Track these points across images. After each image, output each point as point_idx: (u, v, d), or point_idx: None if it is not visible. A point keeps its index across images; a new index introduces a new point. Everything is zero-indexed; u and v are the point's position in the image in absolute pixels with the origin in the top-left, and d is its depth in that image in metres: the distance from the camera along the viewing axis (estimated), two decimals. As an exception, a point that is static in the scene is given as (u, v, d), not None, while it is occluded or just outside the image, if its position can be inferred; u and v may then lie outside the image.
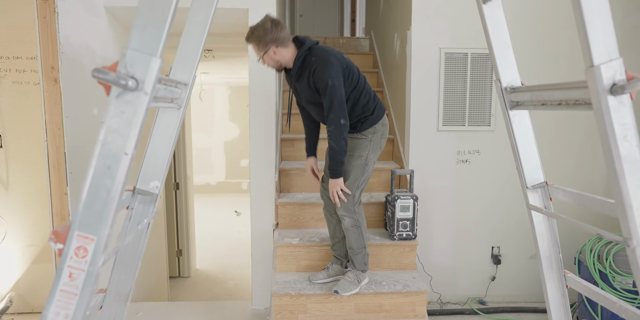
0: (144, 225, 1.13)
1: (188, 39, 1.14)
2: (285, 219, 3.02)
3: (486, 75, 3.05)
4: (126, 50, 0.78)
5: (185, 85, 1.16)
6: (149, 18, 0.79)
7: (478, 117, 3.09)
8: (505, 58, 1.26)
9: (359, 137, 2.34)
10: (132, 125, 0.79)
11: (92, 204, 0.80)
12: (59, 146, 2.43)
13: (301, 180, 3.21)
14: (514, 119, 1.29)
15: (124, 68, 0.78)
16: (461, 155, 3.13)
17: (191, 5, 1.13)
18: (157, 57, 0.79)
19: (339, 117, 2.17)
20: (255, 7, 2.88)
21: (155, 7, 0.78)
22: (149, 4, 0.78)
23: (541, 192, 1.34)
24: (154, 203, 1.20)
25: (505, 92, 1.27)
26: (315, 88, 2.20)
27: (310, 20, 7.51)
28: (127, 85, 0.76)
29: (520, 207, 3.18)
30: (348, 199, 2.37)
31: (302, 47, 2.22)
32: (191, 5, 1.13)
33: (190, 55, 1.16)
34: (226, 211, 8.34)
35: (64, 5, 2.40)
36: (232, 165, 9.68)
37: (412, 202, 2.78)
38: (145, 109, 0.81)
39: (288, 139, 3.42)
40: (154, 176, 1.19)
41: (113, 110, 0.79)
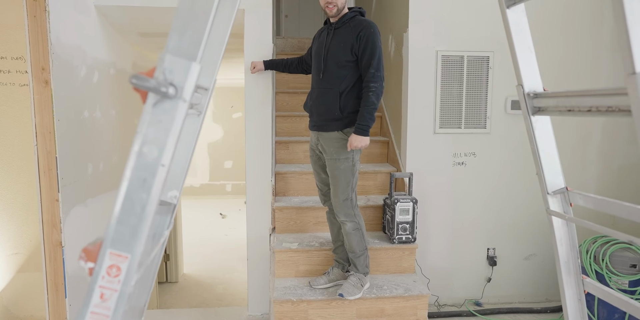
0: (165, 238, 1.07)
1: (210, 41, 1.09)
2: (282, 223, 2.97)
3: (482, 78, 3.06)
4: (164, 55, 0.73)
5: (206, 90, 1.11)
6: (188, 20, 0.74)
7: (474, 120, 3.10)
8: (528, 63, 1.25)
9: (342, 137, 2.31)
10: (169, 134, 0.75)
11: (127, 219, 0.74)
12: (50, 150, 2.33)
13: (297, 184, 3.16)
14: (536, 125, 1.28)
15: (163, 74, 0.73)
16: (457, 157, 3.14)
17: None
18: (196, 63, 0.75)
19: (382, 75, 2.22)
20: (251, 7, 2.83)
21: (195, 8, 0.73)
22: (188, 5, 0.73)
23: (561, 197, 1.34)
24: (171, 213, 1.14)
25: (527, 98, 1.26)
26: (358, 44, 2.21)
27: (296, 20, 7.46)
28: (167, 93, 0.71)
29: (515, 209, 3.21)
30: (346, 204, 2.34)
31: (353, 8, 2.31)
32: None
33: (212, 58, 1.10)
34: (211, 214, 8.22)
35: (54, 4, 2.31)
36: (216, 166, 9.56)
37: (411, 205, 2.77)
38: (184, 117, 0.76)
39: (282, 141, 3.37)
40: (173, 185, 1.13)
41: (150, 119, 0.74)
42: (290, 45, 4.88)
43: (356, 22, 2.25)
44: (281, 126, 3.57)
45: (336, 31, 2.29)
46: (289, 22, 7.44)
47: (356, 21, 2.26)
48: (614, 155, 3.26)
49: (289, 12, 7.43)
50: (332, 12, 2.24)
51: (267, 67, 2.79)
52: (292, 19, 7.46)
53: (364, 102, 2.21)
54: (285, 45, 4.86)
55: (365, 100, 2.20)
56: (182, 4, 0.73)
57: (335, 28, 2.29)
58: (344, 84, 2.27)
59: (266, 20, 2.88)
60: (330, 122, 2.30)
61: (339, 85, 2.27)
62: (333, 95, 2.27)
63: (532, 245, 3.27)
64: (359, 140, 2.23)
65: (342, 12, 2.27)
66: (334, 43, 2.28)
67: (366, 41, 2.20)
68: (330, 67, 2.28)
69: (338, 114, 2.27)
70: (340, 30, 2.28)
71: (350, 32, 2.24)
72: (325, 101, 2.30)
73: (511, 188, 3.20)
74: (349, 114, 2.28)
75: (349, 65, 2.25)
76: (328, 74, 2.29)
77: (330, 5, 2.22)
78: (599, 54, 3.14)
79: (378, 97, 2.22)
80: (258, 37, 2.89)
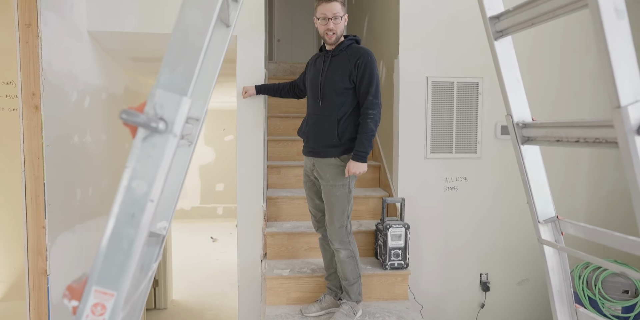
0: (153, 271, 1.05)
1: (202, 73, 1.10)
2: (273, 249, 2.93)
3: (471, 103, 3.10)
4: (155, 89, 0.73)
5: (197, 120, 1.11)
6: (180, 55, 0.74)
7: (464, 145, 3.12)
8: (516, 94, 1.27)
9: (339, 164, 2.31)
10: (158, 169, 0.74)
11: (113, 255, 0.73)
12: (38, 177, 2.31)
13: (289, 209, 3.14)
14: (525, 154, 1.29)
15: (153, 109, 0.73)
16: (449, 182, 3.15)
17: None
18: (187, 97, 0.75)
19: (379, 102, 2.25)
20: (244, 33, 2.87)
21: (187, 44, 0.74)
22: (180, 40, 0.74)
23: (552, 226, 1.34)
24: (160, 245, 1.12)
25: (517, 127, 1.27)
26: (356, 71, 2.24)
27: (288, 45, 7.56)
28: (157, 128, 0.71)
29: (507, 233, 3.20)
30: (342, 231, 2.32)
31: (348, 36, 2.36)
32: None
33: (203, 87, 1.11)
34: (202, 237, 8.12)
35: (47, 30, 2.32)
36: (207, 189, 9.49)
37: (403, 230, 2.75)
38: (174, 151, 0.75)
39: (274, 166, 3.37)
40: (162, 216, 1.12)
41: (139, 153, 0.73)
42: (283, 70, 4.93)
43: (353, 50, 2.29)
44: (273, 150, 3.57)
45: (333, 59, 2.31)
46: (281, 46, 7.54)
47: (353, 49, 2.29)
48: (603, 181, 3.29)
49: (281, 37, 7.54)
50: (332, 39, 2.28)
51: (259, 92, 2.81)
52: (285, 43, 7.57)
53: (363, 129, 2.22)
54: (278, 70, 4.92)
55: (364, 127, 2.22)
56: (174, 40, 0.74)
57: (332, 55, 2.32)
58: (341, 111, 2.28)
59: (258, 46, 2.92)
60: (328, 148, 2.30)
61: (337, 112, 2.28)
62: (331, 122, 2.28)
63: (525, 270, 3.25)
64: (357, 167, 2.23)
65: (339, 39, 2.31)
66: (332, 70, 2.30)
67: (364, 69, 2.23)
68: (328, 94, 2.30)
69: (336, 141, 2.27)
70: (337, 58, 2.31)
71: (348, 59, 2.27)
72: (323, 127, 2.31)
73: (502, 213, 3.20)
74: (347, 140, 2.29)
75: (347, 93, 2.27)
76: (326, 100, 2.31)
77: (330, 33, 2.25)
78: (583, 81, 3.21)
79: (376, 124, 2.24)
80: (250, 63, 2.92)
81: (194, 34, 0.74)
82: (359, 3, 4.56)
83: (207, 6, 0.74)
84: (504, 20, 1.20)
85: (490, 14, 1.23)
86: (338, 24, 2.24)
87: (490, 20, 1.23)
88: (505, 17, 1.18)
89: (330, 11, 2.21)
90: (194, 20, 0.74)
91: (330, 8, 2.21)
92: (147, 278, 1.08)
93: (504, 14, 1.19)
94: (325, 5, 2.22)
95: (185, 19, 0.74)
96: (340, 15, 2.23)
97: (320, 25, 2.26)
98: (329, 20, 2.22)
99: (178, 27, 0.74)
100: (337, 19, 2.22)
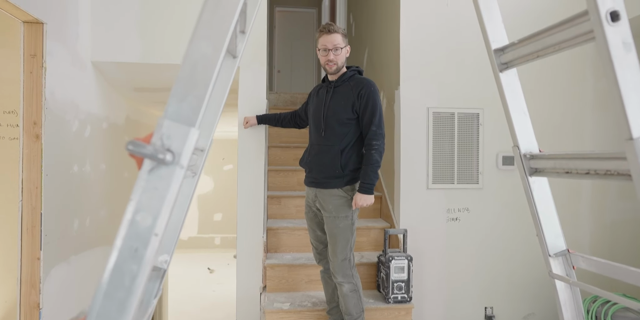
0: (153, 307, 1.01)
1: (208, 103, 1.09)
2: (273, 282, 2.86)
3: (472, 134, 3.11)
4: (163, 120, 0.72)
5: (202, 151, 1.09)
6: (189, 86, 0.73)
7: (466, 175, 3.11)
8: (522, 125, 1.27)
9: (342, 195, 2.28)
10: (164, 202, 0.72)
11: (114, 292, 0.69)
12: (36, 206, 2.27)
13: (290, 240, 3.09)
14: (533, 186, 1.27)
15: (160, 140, 0.71)
16: (451, 213, 3.11)
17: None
18: (195, 128, 0.73)
19: (383, 132, 2.24)
20: (246, 64, 2.91)
21: (196, 75, 0.73)
22: (189, 71, 0.73)
23: (563, 260, 1.30)
24: (160, 279, 1.08)
25: (524, 159, 1.26)
26: (359, 102, 2.24)
27: (288, 76, 7.69)
28: (164, 159, 0.69)
29: (511, 265, 3.14)
30: (345, 264, 2.27)
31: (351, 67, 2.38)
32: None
33: (209, 118, 1.10)
34: (199, 268, 7.96)
35: (51, 60, 2.34)
36: (205, 219, 9.39)
37: (406, 262, 2.70)
38: (180, 184, 0.73)
39: (275, 196, 3.33)
40: (164, 249, 1.08)
41: (144, 185, 0.71)
42: (283, 100, 4.97)
43: (356, 81, 2.30)
44: (273, 180, 3.55)
45: (336, 89, 2.33)
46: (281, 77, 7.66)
47: (356, 79, 2.31)
48: (606, 210, 3.26)
49: (281, 68, 7.67)
50: (332, 69, 2.30)
51: (260, 122, 2.82)
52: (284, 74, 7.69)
53: (368, 160, 2.21)
54: (278, 100, 4.96)
55: (369, 158, 2.21)
56: (183, 71, 0.73)
57: (335, 86, 2.33)
58: (345, 141, 2.27)
59: (260, 77, 2.95)
60: (331, 179, 2.28)
61: (339, 143, 2.27)
62: (334, 153, 2.27)
63: (530, 303, 3.17)
64: (364, 199, 2.21)
65: (341, 70, 2.33)
66: (335, 101, 2.31)
67: (367, 99, 2.23)
68: (331, 125, 2.30)
69: (339, 171, 2.26)
70: (340, 89, 2.32)
71: (351, 90, 2.28)
72: (326, 158, 2.29)
73: (506, 244, 3.15)
74: (350, 171, 2.27)
75: (350, 123, 2.27)
76: (329, 131, 2.30)
77: (330, 63, 2.27)
78: (582, 112, 3.23)
79: (381, 155, 2.22)
80: (252, 93, 2.94)
81: (204, 65, 0.74)
82: (359, 35, 4.66)
83: (218, 38, 0.74)
84: (509, 53, 1.21)
85: (495, 46, 1.24)
86: (338, 55, 2.26)
87: (495, 52, 1.24)
88: (510, 50, 1.19)
89: (330, 42, 2.24)
90: (205, 51, 0.74)
91: (330, 39, 2.24)
92: (146, 315, 1.03)
93: (508, 46, 1.20)
94: (326, 37, 2.25)
95: (196, 51, 0.73)
96: (341, 47, 2.26)
97: (322, 56, 2.29)
98: (329, 51, 2.25)
99: (188, 58, 0.73)
100: (337, 50, 2.25)
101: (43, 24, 2.30)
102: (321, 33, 2.27)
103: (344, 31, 2.30)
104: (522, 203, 3.14)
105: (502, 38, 1.24)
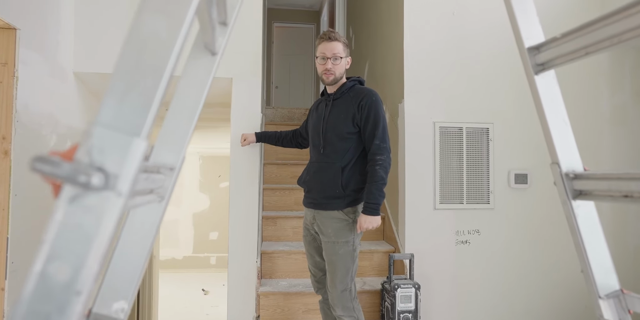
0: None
1: (178, 111, 0.88)
2: (268, 312, 2.60)
3: (482, 150, 2.90)
4: (93, 127, 0.50)
5: (171, 169, 0.87)
6: (133, 79, 0.52)
7: (476, 194, 2.88)
8: (563, 138, 1.05)
9: (343, 217, 2.04)
10: (92, 245, 0.49)
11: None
12: (2, 230, 2.03)
13: (286, 265, 2.84)
14: (578, 212, 1.05)
15: (88, 155, 0.49)
16: (460, 235, 2.87)
17: (185, 67, 0.89)
18: (141, 139, 0.51)
19: (388, 146, 2.02)
20: (240, 76, 2.71)
21: (144, 63, 0.52)
22: (134, 58, 0.52)
23: (615, 302, 1.07)
24: (115, 334, 0.85)
25: (566, 179, 1.04)
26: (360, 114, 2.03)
27: (286, 91, 7.52)
28: (89, 183, 0.47)
29: (527, 294, 2.89)
30: (345, 295, 2.03)
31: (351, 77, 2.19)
32: (185, 67, 0.89)
33: (180, 130, 0.88)
34: (193, 289, 7.65)
35: (26, 70, 2.14)
36: (200, 238, 9.10)
37: (413, 291, 2.45)
38: (117, 217, 0.51)
39: (270, 216, 3.10)
40: (120, 294, 0.85)
41: (63, 221, 0.49)
42: (280, 115, 4.78)
43: (356, 91, 2.10)
44: (269, 200, 3.32)
45: (335, 102, 2.12)
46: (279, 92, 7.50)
47: (356, 90, 2.11)
48: (627, 235, 3.02)
49: (279, 83, 7.51)
50: (329, 79, 2.10)
51: (259, 140, 2.59)
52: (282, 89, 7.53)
53: (372, 178, 1.97)
54: (275, 115, 4.77)
55: (373, 175, 1.97)
56: (125, 57, 0.51)
57: (334, 99, 2.13)
58: (346, 158, 2.05)
59: (255, 90, 2.75)
60: (330, 200, 2.05)
61: (340, 160, 2.05)
62: (334, 171, 2.05)
63: (549, 335, 2.91)
64: (369, 221, 1.96)
65: (339, 81, 2.13)
66: (334, 114, 2.10)
67: (368, 110, 2.02)
68: (330, 140, 2.08)
69: (339, 191, 2.03)
70: (339, 101, 2.11)
71: (351, 101, 2.07)
72: (325, 176, 2.07)
73: (521, 270, 2.90)
74: (352, 191, 2.04)
75: (351, 138, 2.06)
76: (329, 147, 2.09)
77: (328, 73, 2.08)
78: (600, 126, 3.03)
79: (386, 171, 1.99)
80: (246, 107, 2.73)
81: (154, 48, 0.52)
82: (359, 48, 4.49)
83: (175, 12, 0.53)
84: (547, 51, 1.00)
85: (528, 44, 1.03)
86: (337, 65, 2.07)
87: (529, 51, 1.03)
88: (549, 47, 0.98)
89: (330, 50, 2.05)
90: (155, 30, 0.52)
91: (330, 47, 2.05)
92: None
93: (546, 43, 0.99)
94: (326, 44, 2.06)
95: (143, 29, 0.52)
96: (341, 56, 2.06)
97: (319, 65, 2.09)
98: (327, 59, 2.05)
99: (132, 38, 0.52)
100: (337, 60, 2.05)
101: (15, 29, 2.10)
102: (321, 40, 2.08)
103: (345, 40, 2.11)
104: (538, 224, 2.91)
105: (538, 34, 1.03)
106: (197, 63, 0.89)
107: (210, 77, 0.91)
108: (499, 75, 2.93)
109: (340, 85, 2.13)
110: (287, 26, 7.54)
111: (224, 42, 0.91)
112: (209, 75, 0.90)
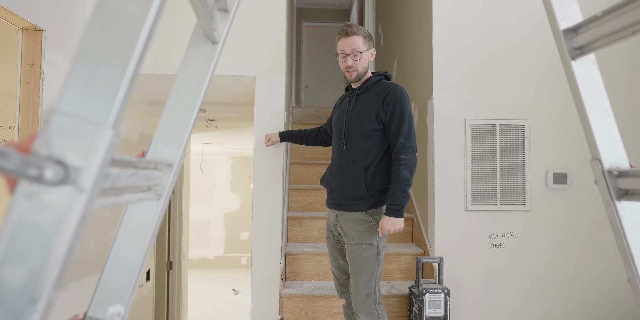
0: None
1: (177, 104, 0.82)
2: (292, 314, 2.54)
3: (517, 148, 2.74)
4: (52, 115, 0.44)
5: (170, 166, 0.82)
6: (98, 62, 0.46)
7: (511, 195, 2.73)
8: (605, 130, 0.94)
9: (366, 219, 1.95)
10: (51, 247, 0.44)
11: None
12: None
13: (310, 266, 2.78)
14: (623, 214, 0.93)
15: (47, 146, 0.44)
16: (494, 238, 2.73)
17: (183, 59, 0.83)
18: (107, 128, 0.45)
19: (413, 145, 1.92)
20: (263, 74, 2.66)
21: (110, 43, 0.46)
22: (100, 38, 0.46)
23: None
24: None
25: (609, 176, 0.93)
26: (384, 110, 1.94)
27: (316, 91, 7.47)
28: (41, 177, 0.41)
29: (566, 302, 2.72)
30: (368, 300, 1.94)
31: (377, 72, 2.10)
32: (183, 59, 0.83)
33: (179, 125, 0.83)
34: (224, 289, 7.70)
35: (51, 70, 2.16)
36: (231, 238, 9.18)
37: (443, 296, 2.34)
38: (80, 215, 0.45)
39: (295, 217, 3.04)
40: (116, 298, 0.80)
41: (18, 220, 0.43)
42: (308, 115, 4.73)
43: (381, 86, 2.01)
44: (294, 200, 3.27)
45: (359, 97, 2.04)
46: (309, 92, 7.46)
47: (381, 85, 2.02)
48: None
49: (308, 83, 7.48)
50: (352, 76, 2.02)
51: (283, 139, 2.53)
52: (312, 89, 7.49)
53: (396, 178, 1.88)
54: (303, 115, 4.72)
55: (397, 176, 1.87)
56: (89, 37, 0.46)
57: (358, 94, 2.05)
58: (369, 157, 1.96)
59: (279, 88, 2.69)
60: (353, 200, 1.96)
61: (364, 159, 1.96)
62: (357, 170, 1.96)
63: (591, 345, 2.73)
64: (392, 223, 1.87)
65: (364, 77, 2.04)
66: (357, 110, 2.02)
67: (393, 106, 1.93)
68: (353, 138, 2.00)
69: (363, 192, 1.94)
70: (363, 96, 2.03)
71: (375, 97, 1.98)
72: (348, 176, 1.98)
73: (560, 276, 2.73)
74: (376, 192, 1.95)
75: (375, 135, 1.97)
76: (351, 145, 2.00)
77: (350, 70, 2.00)
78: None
79: (411, 171, 1.88)
80: (270, 106, 2.68)
81: (123, 27, 0.46)
82: (388, 45, 4.38)
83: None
84: (585, 33, 0.89)
85: (564, 25, 0.92)
86: (358, 60, 1.98)
87: (564, 34, 0.92)
88: (588, 28, 0.87)
89: (348, 46, 1.96)
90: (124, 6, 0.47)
91: (349, 43, 1.96)
92: None
93: (585, 23, 0.88)
94: (344, 40, 1.98)
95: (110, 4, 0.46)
96: (361, 51, 1.97)
97: (340, 62, 2.02)
98: (347, 56, 1.97)
99: (98, 16, 0.46)
100: (356, 55, 1.97)
101: (42, 31, 2.12)
102: (339, 36, 2.00)
103: (365, 32, 2.01)
104: (580, 228, 2.74)
105: (575, 15, 0.93)
106: (196, 53, 0.83)
107: (211, 68, 0.85)
108: (535, 69, 2.77)
109: (365, 80, 2.05)
110: (316, 25, 7.50)
111: (225, 30, 0.85)
112: (210, 66, 0.84)
